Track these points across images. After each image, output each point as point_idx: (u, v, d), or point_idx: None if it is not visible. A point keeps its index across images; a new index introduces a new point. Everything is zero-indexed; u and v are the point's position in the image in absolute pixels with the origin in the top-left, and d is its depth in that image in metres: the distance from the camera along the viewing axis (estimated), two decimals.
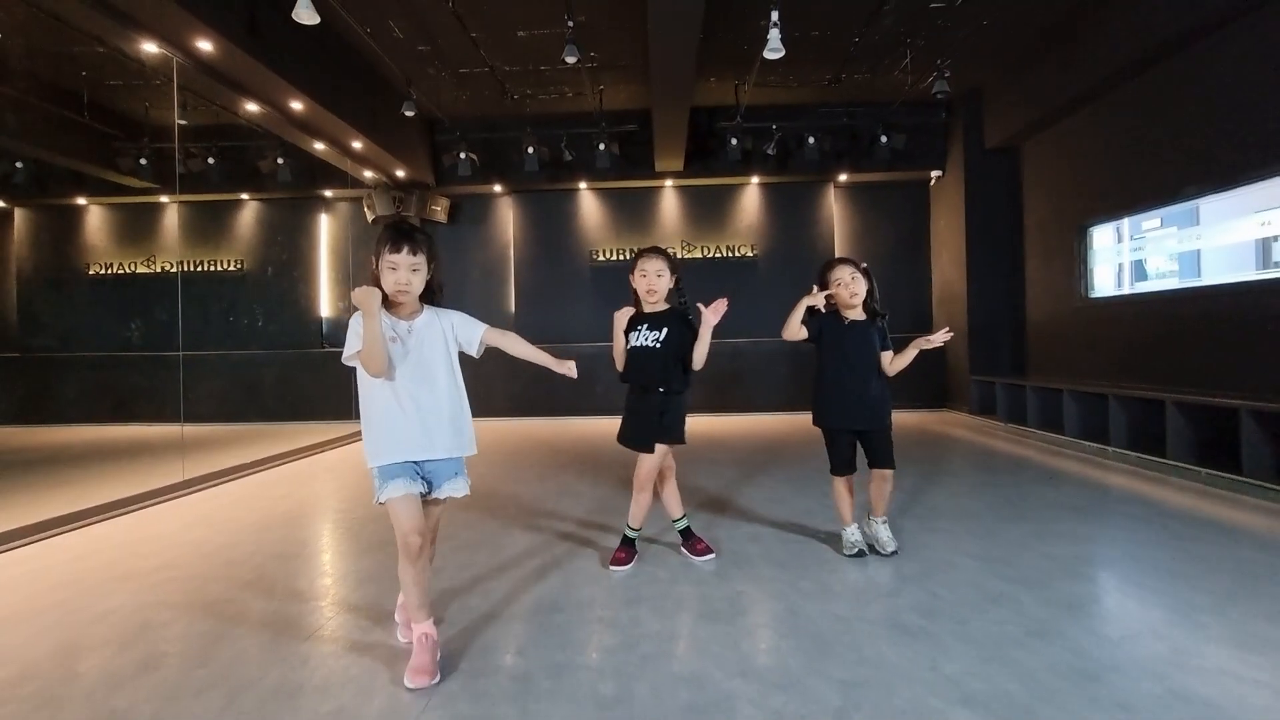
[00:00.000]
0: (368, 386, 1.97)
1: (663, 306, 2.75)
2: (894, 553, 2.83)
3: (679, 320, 2.72)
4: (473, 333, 2.11)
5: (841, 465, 2.84)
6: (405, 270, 1.96)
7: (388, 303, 2.00)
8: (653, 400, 2.69)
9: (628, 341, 2.72)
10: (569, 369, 2.19)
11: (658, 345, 2.67)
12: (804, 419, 7.71)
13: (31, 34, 4.52)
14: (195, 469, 4.65)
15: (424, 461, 1.99)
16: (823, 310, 2.82)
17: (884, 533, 2.89)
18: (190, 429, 5.33)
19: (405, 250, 1.96)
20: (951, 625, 2.17)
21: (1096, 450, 5.36)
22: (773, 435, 6.76)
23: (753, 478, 4.65)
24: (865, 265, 2.86)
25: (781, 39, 4.93)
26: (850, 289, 2.79)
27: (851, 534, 2.86)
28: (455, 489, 2.04)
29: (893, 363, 2.84)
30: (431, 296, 2.10)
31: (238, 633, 2.22)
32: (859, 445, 2.86)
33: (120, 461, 5.70)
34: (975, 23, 5.89)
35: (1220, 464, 4.31)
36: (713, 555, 2.84)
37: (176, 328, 4.75)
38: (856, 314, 2.84)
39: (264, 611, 2.40)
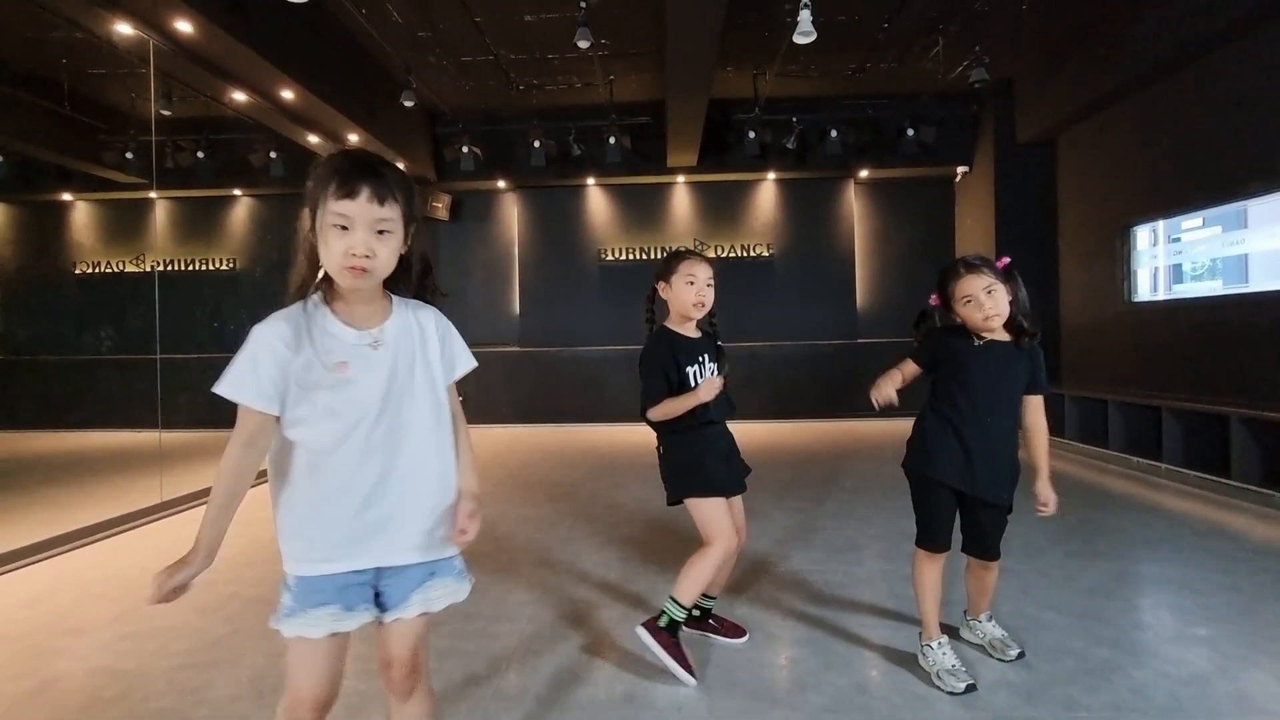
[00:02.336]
0: (282, 444, 1.18)
1: (696, 332, 2.19)
2: (1020, 655, 2.07)
3: (718, 344, 2.22)
4: (458, 361, 1.30)
5: (935, 534, 2.00)
6: (365, 230, 1.12)
7: (330, 293, 1.20)
8: (727, 434, 2.19)
9: (686, 377, 2.07)
10: (469, 529, 1.26)
11: (717, 375, 2.14)
12: (826, 428, 7.41)
13: (9, 18, 4.14)
14: (174, 487, 4.28)
15: (377, 569, 1.21)
16: (936, 321, 2.08)
17: (997, 630, 2.14)
18: (168, 435, 4.96)
19: (365, 194, 1.11)
20: (1059, 712, 1.80)
21: (1147, 467, 4.98)
22: (794, 447, 6.37)
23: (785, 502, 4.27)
24: (1009, 261, 1.99)
25: (812, 21, 4.55)
26: (985, 310, 1.90)
27: (943, 654, 1.97)
28: (435, 598, 1.23)
29: (1036, 428, 2.02)
30: (411, 281, 1.27)
31: (197, 715, 1.85)
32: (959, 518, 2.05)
33: (101, 474, 5.32)
34: (1014, 7, 5.49)
35: None
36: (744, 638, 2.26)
37: (154, 329, 4.39)
38: (998, 334, 1.99)
39: (231, 684, 2.02)
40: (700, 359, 2.10)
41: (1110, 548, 3.19)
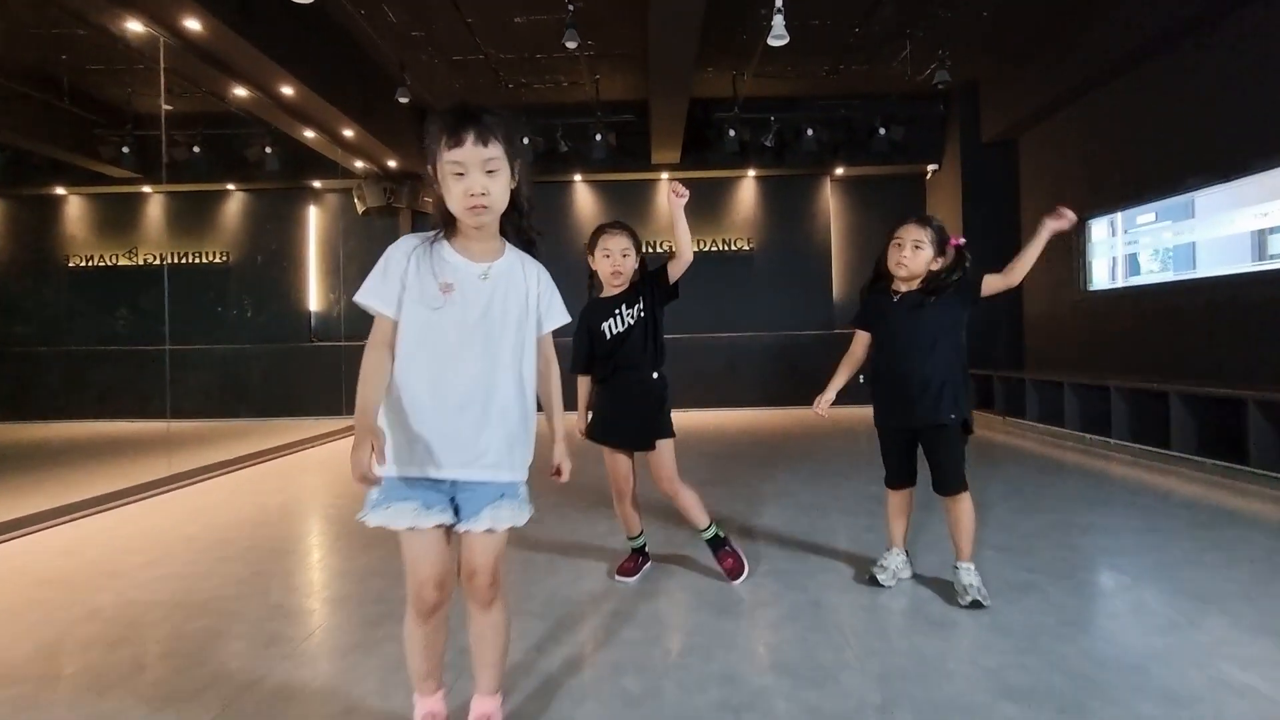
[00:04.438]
0: (397, 358, 1.32)
1: (625, 286, 2.36)
2: (973, 604, 2.13)
3: (644, 281, 2.35)
4: (551, 314, 1.48)
5: (891, 474, 2.34)
6: (478, 171, 1.27)
7: (452, 231, 1.36)
8: (647, 387, 2.34)
9: (605, 334, 2.35)
10: (563, 470, 1.53)
11: (638, 318, 2.31)
12: (804, 414, 7.73)
13: (12, 15, 4.34)
14: (182, 464, 4.50)
15: (454, 481, 1.33)
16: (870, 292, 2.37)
17: (965, 577, 2.18)
18: (175, 425, 5.18)
19: (471, 140, 1.25)
20: (982, 616, 2.10)
21: (1099, 443, 5.34)
22: (773, 429, 6.69)
23: (760, 473, 4.57)
24: (962, 241, 2.24)
25: (785, 25, 4.86)
26: (902, 257, 2.19)
27: (892, 558, 2.36)
28: (501, 517, 1.35)
29: (1012, 268, 2.13)
30: (519, 219, 1.43)
31: (234, 631, 2.10)
32: (924, 456, 2.27)
33: (104, 457, 5.52)
34: (974, 13, 5.85)
35: (1226, 455, 4.30)
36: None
37: (164, 321, 4.59)
38: (910, 285, 2.26)
39: (260, 609, 2.28)
40: (615, 312, 2.34)
41: (1051, 504, 3.52)
